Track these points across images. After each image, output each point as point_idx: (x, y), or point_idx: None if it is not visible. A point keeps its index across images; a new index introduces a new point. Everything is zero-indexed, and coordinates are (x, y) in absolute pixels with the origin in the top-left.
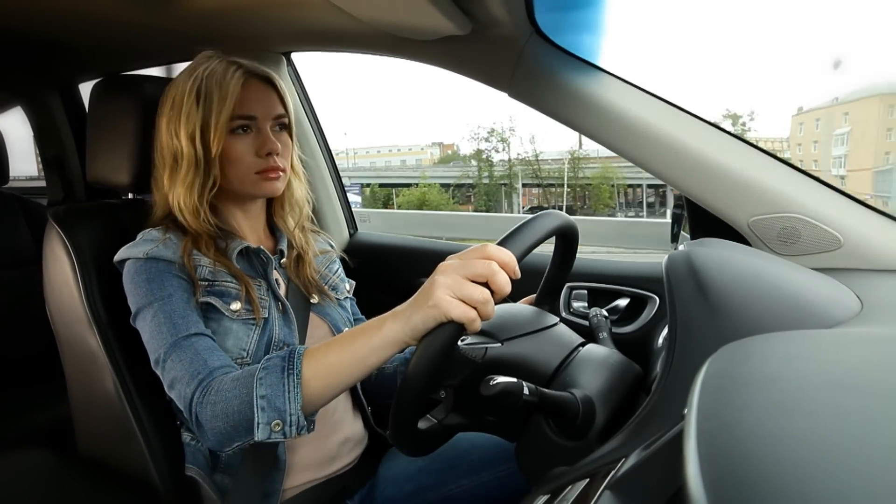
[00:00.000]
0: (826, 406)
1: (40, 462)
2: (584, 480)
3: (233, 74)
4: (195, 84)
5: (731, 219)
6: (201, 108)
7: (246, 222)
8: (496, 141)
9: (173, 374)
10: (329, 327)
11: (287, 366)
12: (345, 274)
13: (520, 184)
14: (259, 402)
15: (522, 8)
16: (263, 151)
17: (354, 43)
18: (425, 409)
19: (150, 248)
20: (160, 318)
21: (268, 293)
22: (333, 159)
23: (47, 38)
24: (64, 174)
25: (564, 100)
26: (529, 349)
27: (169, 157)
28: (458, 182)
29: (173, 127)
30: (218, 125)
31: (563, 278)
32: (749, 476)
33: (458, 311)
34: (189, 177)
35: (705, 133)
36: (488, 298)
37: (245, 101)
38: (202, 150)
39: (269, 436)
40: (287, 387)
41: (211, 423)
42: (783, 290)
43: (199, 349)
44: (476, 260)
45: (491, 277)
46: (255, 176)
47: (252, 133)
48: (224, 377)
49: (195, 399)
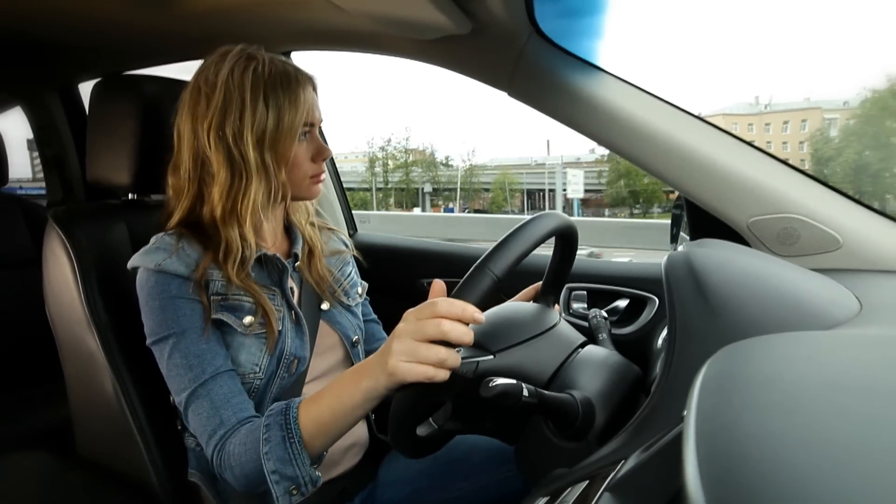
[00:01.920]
0: (825, 407)
1: (40, 463)
2: (583, 482)
3: (297, 78)
4: (259, 85)
5: (730, 219)
6: (272, 113)
7: (269, 225)
8: (392, 149)
9: (193, 426)
10: (339, 336)
11: (287, 434)
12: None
13: (423, 188)
14: (271, 477)
15: (522, 8)
16: (320, 158)
17: (354, 42)
18: (425, 415)
19: (163, 260)
20: (176, 359)
21: (282, 303)
22: (333, 160)
23: (47, 38)
24: (64, 174)
25: (564, 100)
26: (523, 358)
27: (223, 162)
28: (359, 187)
29: (231, 130)
30: (291, 132)
31: (563, 274)
32: (748, 477)
33: (415, 375)
34: (253, 185)
35: (705, 133)
36: (444, 356)
37: (309, 109)
38: (272, 157)
39: (290, 501)
40: (292, 454)
41: (234, 481)
42: (782, 291)
43: (215, 400)
44: (427, 321)
45: (445, 337)
46: (309, 181)
47: (307, 138)
48: (234, 439)
49: (215, 461)
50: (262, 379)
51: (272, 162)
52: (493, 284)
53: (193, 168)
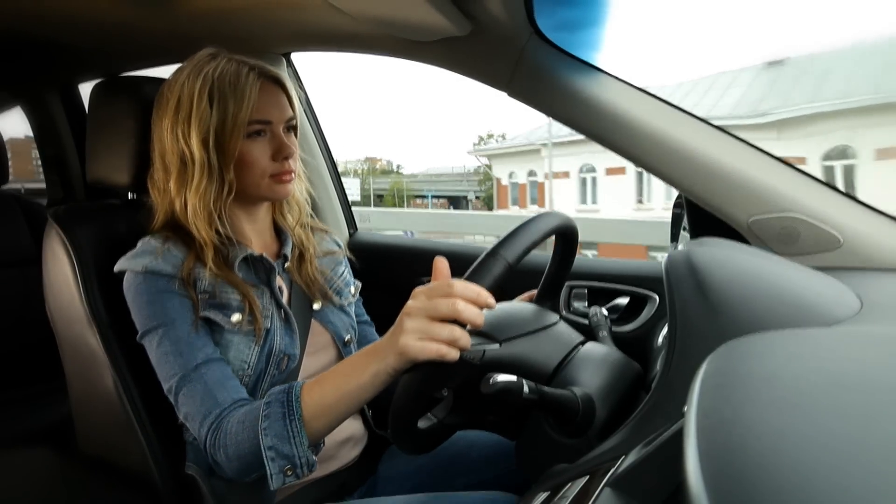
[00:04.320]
0: (825, 404)
1: (41, 461)
2: (584, 478)
3: (247, 76)
4: (206, 85)
5: (731, 218)
6: (216, 112)
7: (251, 226)
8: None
9: (185, 410)
10: (331, 335)
11: (287, 412)
12: (352, 274)
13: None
14: (268, 453)
15: (522, 8)
16: (280, 156)
17: (354, 44)
18: (426, 409)
19: (149, 262)
20: (166, 347)
21: (271, 301)
22: (333, 159)
23: (47, 38)
24: (64, 174)
25: (564, 100)
26: (528, 349)
27: (176, 162)
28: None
29: (181, 130)
30: (235, 129)
31: (563, 277)
32: (749, 473)
33: (428, 353)
34: (202, 183)
35: (705, 133)
36: (458, 335)
37: (261, 106)
38: (216, 156)
39: (284, 481)
40: (291, 433)
41: (227, 464)
42: (783, 288)
43: (208, 382)
44: (440, 300)
45: (458, 316)
46: (269, 180)
47: (266, 136)
48: (231, 418)
49: (208, 441)
50: (251, 376)
51: (217, 160)
52: (506, 271)
53: (162, 169)
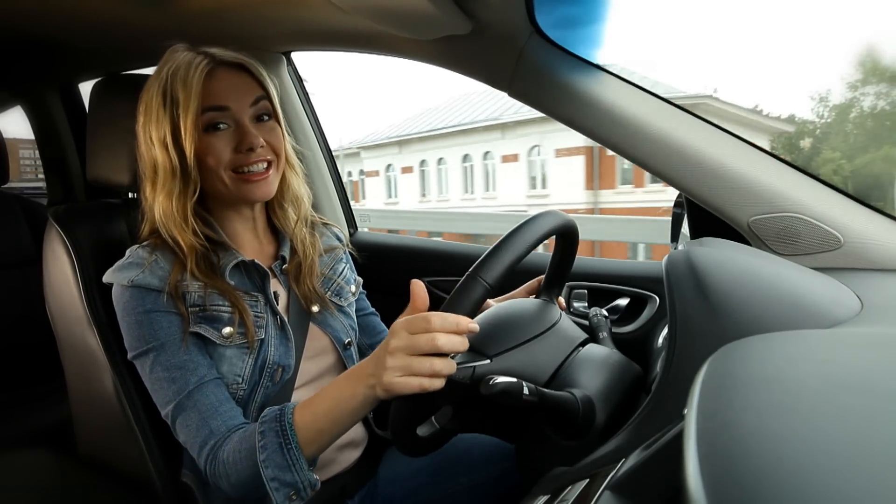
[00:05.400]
0: (826, 406)
1: (40, 462)
2: (584, 480)
3: (196, 66)
4: (161, 84)
5: (731, 218)
6: (169, 110)
7: (242, 227)
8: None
9: (182, 438)
10: (330, 339)
11: (284, 441)
12: (353, 270)
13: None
14: (271, 484)
15: (522, 8)
16: (244, 146)
17: (354, 42)
18: (425, 416)
19: (136, 275)
20: (158, 373)
21: (265, 309)
22: (333, 157)
23: (47, 37)
24: (64, 174)
25: (564, 99)
26: (521, 361)
27: (149, 167)
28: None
29: (146, 134)
30: (187, 124)
31: (566, 268)
32: (749, 476)
33: (411, 388)
34: (167, 186)
35: (705, 133)
36: (439, 368)
37: (213, 92)
38: (177, 156)
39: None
40: (290, 461)
41: (230, 490)
42: (783, 289)
43: (202, 410)
44: (420, 336)
45: (439, 351)
46: (234, 176)
47: (230, 128)
48: (226, 447)
49: (208, 471)
50: (246, 389)
51: (178, 159)
52: (486, 293)
53: (143, 175)
